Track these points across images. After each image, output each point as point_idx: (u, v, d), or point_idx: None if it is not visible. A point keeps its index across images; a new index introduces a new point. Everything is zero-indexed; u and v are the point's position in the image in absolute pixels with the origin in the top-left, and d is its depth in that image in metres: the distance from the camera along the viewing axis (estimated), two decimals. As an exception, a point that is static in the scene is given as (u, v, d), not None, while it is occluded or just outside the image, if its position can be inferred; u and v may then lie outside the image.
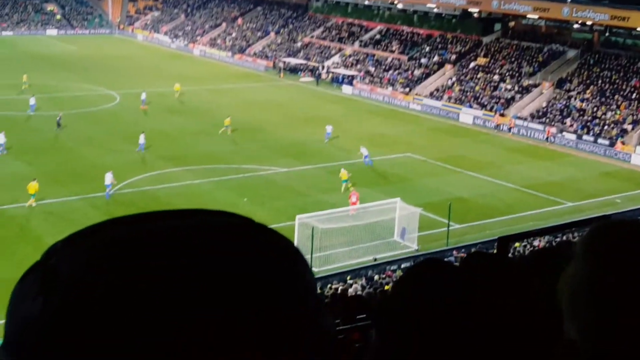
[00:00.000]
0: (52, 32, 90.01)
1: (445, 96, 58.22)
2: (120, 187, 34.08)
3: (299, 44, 76.56)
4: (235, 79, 65.96)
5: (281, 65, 71.18)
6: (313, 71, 68.79)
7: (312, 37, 77.22)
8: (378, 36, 72.60)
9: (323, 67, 69.44)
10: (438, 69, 62.95)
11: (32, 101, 48.60)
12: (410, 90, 60.58)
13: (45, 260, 0.67)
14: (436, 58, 64.78)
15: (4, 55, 71.14)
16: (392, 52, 68.56)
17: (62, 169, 36.23)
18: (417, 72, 63.58)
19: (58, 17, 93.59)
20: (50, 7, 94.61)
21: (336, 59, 71.10)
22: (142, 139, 40.09)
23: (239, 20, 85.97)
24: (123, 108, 50.91)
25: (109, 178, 32.66)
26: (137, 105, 51.51)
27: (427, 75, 62.55)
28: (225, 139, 44.22)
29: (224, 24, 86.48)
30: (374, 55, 68.96)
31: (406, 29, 71.57)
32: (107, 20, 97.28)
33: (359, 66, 67.99)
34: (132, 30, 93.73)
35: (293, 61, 71.95)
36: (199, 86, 59.49)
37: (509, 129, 50.94)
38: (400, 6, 72.06)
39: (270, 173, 37.56)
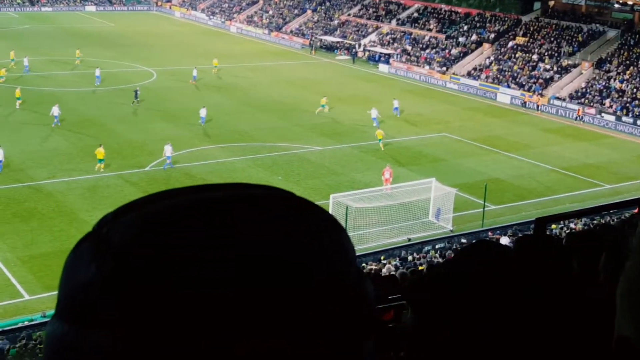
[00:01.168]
0: (90, 8, 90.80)
1: (483, 75, 57.38)
2: (156, 163, 34.41)
3: (335, 22, 76.05)
4: (272, 57, 65.84)
5: (313, 42, 70.96)
6: (349, 49, 68.33)
7: (349, 15, 76.59)
8: (415, 14, 71.70)
9: (359, 45, 68.93)
10: (476, 48, 61.99)
11: (97, 72, 50.03)
12: (447, 69, 59.83)
13: (97, 230, 0.70)
14: (474, 37, 63.78)
15: (46, 32, 72.00)
16: (430, 30, 67.69)
17: (98, 145, 36.58)
18: (454, 51, 62.71)
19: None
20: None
21: (373, 37, 70.47)
22: (203, 113, 41.06)
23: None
24: (160, 85, 51.22)
25: (168, 150, 33.50)
26: (174, 82, 51.80)
27: (465, 54, 61.65)
28: (318, 116, 44.23)
29: (260, 2, 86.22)
30: (411, 34, 68.18)
31: (444, 7, 70.52)
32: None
33: (395, 44, 67.33)
34: (169, 7, 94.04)
35: (329, 39, 71.54)
36: (236, 64, 59.51)
37: (537, 107, 50.35)
38: (438, -17, 70.99)
39: (304, 151, 37.52)
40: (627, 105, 48.69)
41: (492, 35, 62.81)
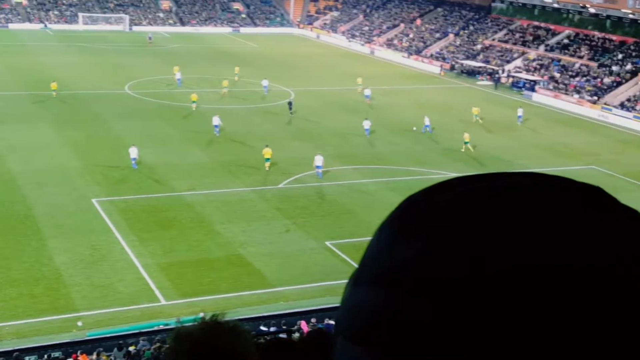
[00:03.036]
0: (236, 29, 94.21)
1: (638, 107, 53.53)
2: (289, 181, 34.47)
3: (478, 47, 74.18)
4: (411, 80, 65.07)
5: (440, 65, 69.99)
6: (492, 75, 66.24)
7: (493, 39, 74.49)
8: (566, 40, 68.49)
9: (503, 71, 66.67)
10: (631, 78, 58.12)
11: (265, 83, 53.96)
12: (598, 98, 56.41)
13: (408, 208, 0.73)
14: (629, 66, 59.87)
15: (194, 51, 75.29)
16: (581, 57, 64.33)
17: (237, 161, 37.31)
18: (607, 80, 59.11)
19: (243, 15, 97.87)
20: (236, 5, 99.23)
21: (518, 62, 67.98)
22: (367, 125, 42.96)
23: (418, 21, 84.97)
24: (297, 105, 51.61)
25: (319, 160, 34.95)
26: (312, 102, 52.18)
27: (618, 84, 57.93)
28: (454, 140, 43.39)
29: (402, 25, 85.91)
30: (559, 60, 65.09)
31: (597, 34, 66.92)
32: (288, 20, 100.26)
33: (542, 71, 64.50)
34: (310, 29, 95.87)
35: (471, 64, 69.83)
36: (374, 86, 59.05)
37: None
38: (592, 10, 67.48)
39: (440, 177, 36.12)
40: None
41: (650, 65, 58.69)
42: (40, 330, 21.03)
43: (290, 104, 48.01)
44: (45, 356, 19.12)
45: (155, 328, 21.04)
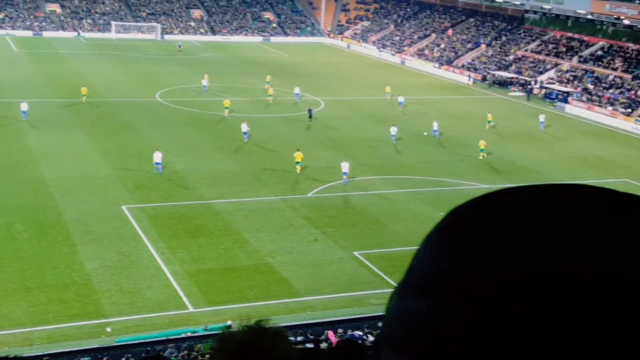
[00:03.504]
0: (266, 38, 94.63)
1: (674, 120, 52.61)
2: (317, 190, 34.38)
3: (511, 57, 73.56)
4: (441, 91, 64.69)
5: (469, 75, 69.46)
6: (524, 85, 65.59)
7: (526, 50, 73.83)
8: (600, 52, 67.61)
9: (535, 82, 66.00)
10: (666, 90, 57.13)
11: (296, 90, 55.60)
12: (632, 111, 55.51)
13: (454, 219, 0.75)
14: (665, 78, 58.87)
15: (224, 60, 75.81)
16: (615, 69, 63.42)
17: (266, 169, 37.35)
18: (641, 92, 58.17)
19: (274, 25, 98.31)
20: (267, 15, 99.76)
21: (551, 74, 67.25)
22: (393, 131, 43.73)
23: (449, 32, 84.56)
24: (327, 114, 51.68)
25: (345, 166, 35.37)
26: (341, 112, 52.13)
27: (653, 96, 56.96)
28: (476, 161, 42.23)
29: (433, 35, 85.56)
30: (593, 72, 64.24)
31: (632, 46, 65.97)
32: (319, 29, 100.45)
33: (575, 83, 63.71)
34: (341, 39, 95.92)
35: (503, 74, 69.25)
36: (404, 96, 58.94)
37: None
38: (626, 22, 66.55)
39: (469, 188, 35.91)
40: None
41: (686, 77, 57.63)
42: (70, 336, 21.19)
43: (310, 111, 48.29)
44: (74, 361, 19.27)
45: (183, 335, 21.12)
